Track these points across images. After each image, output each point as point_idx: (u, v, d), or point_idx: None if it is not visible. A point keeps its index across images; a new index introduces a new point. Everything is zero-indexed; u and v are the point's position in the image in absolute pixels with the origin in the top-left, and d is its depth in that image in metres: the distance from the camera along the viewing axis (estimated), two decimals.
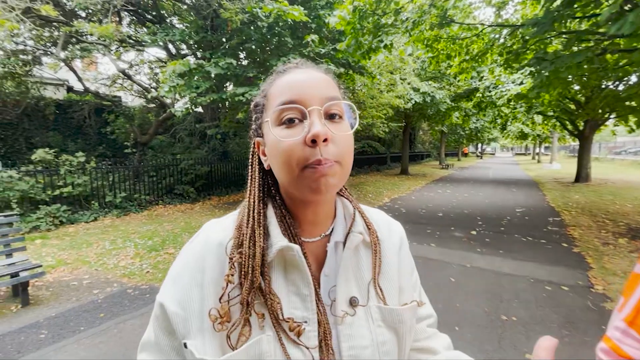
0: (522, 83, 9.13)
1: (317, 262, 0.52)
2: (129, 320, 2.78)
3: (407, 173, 16.46)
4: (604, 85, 8.71)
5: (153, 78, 12.23)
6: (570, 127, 12.47)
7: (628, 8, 3.50)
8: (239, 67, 6.46)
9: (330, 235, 0.53)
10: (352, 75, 8.16)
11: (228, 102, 7.20)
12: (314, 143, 0.43)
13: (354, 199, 0.60)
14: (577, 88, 9.33)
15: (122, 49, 9.88)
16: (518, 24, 6.14)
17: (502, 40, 6.54)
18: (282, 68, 0.52)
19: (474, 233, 5.37)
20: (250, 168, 0.54)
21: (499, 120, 16.02)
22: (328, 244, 0.53)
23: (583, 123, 11.56)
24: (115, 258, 4.34)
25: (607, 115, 10.52)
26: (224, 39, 7.27)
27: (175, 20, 9.78)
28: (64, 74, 10.92)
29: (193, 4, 8.17)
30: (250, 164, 0.55)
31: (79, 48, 7.69)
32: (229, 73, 6.20)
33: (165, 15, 9.55)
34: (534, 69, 5.77)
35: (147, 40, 7.47)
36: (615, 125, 12.77)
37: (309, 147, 0.43)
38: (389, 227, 0.61)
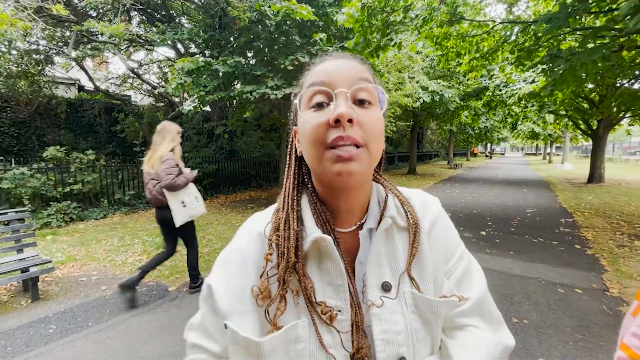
0: (534, 81, 8.94)
1: (352, 251, 0.52)
2: (136, 317, 2.80)
3: (414, 173, 16.31)
4: (619, 84, 8.47)
5: (162, 77, 12.36)
6: (584, 126, 12.18)
7: None
8: (247, 65, 6.46)
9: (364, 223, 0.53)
10: None
11: (236, 100, 7.22)
12: (338, 123, 0.44)
13: (389, 182, 0.59)
14: (591, 86, 9.11)
15: (132, 49, 10.02)
16: (530, 21, 6.00)
17: (513, 38, 6.40)
18: (319, 59, 0.53)
19: (484, 233, 5.28)
20: (288, 156, 0.56)
21: (509, 120, 15.76)
22: (360, 232, 0.52)
23: (597, 122, 11.28)
24: (124, 255, 4.38)
25: (622, 115, 10.24)
26: (232, 38, 7.29)
27: (184, 20, 9.85)
28: (75, 74, 11.13)
29: (202, 3, 8.20)
30: (288, 153, 0.56)
31: (90, 47, 7.81)
32: (237, 71, 6.21)
33: (174, 15, 9.62)
34: (547, 67, 5.64)
35: (156, 40, 7.53)
36: (630, 125, 12.41)
37: (333, 127, 0.44)
38: (424, 208, 0.57)
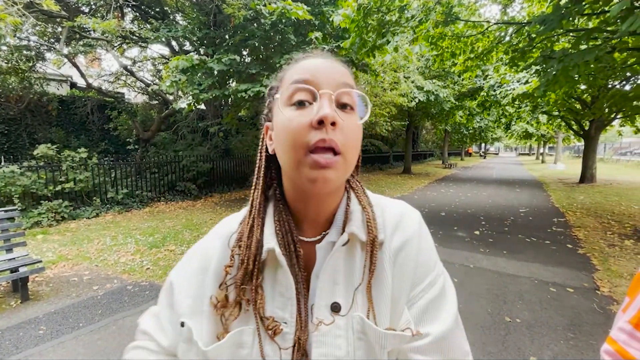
0: (527, 82, 9.03)
1: (313, 262, 0.49)
2: (128, 317, 2.76)
3: (409, 172, 16.38)
4: (611, 85, 8.59)
5: (156, 75, 12.24)
6: (576, 127, 12.34)
7: (638, 4, 3.43)
8: (242, 64, 6.42)
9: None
10: (355, 73, 8.11)
11: (231, 99, 7.18)
12: (321, 124, 0.42)
13: (363, 192, 0.54)
14: (583, 87, 9.22)
15: (125, 46, 9.90)
16: (524, 22, 6.05)
17: (507, 38, 6.46)
18: (301, 55, 0.52)
19: (477, 233, 5.32)
20: (259, 156, 0.54)
21: (503, 120, 15.90)
22: (317, 245, 0.49)
23: (589, 123, 11.44)
24: (116, 254, 4.33)
25: (613, 115, 10.39)
26: (227, 36, 7.24)
27: (179, 17, 9.75)
28: (67, 70, 10.97)
29: (196, 0, 8.13)
30: (259, 152, 0.54)
31: (82, 44, 7.70)
32: (232, 70, 6.17)
33: (169, 12, 9.52)
34: (540, 68, 5.70)
35: (150, 37, 7.45)
36: (621, 126, 12.63)
37: (315, 129, 0.42)
38: (398, 223, 0.51)
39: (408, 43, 6.35)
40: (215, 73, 6.06)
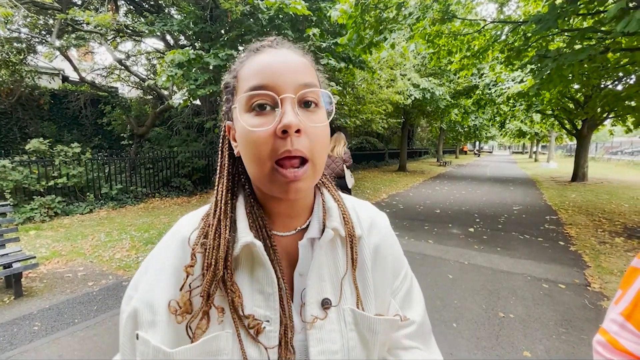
0: (522, 81, 9.10)
1: (290, 258, 0.49)
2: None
3: (405, 170, 16.46)
4: (603, 85, 8.70)
5: (150, 69, 12.08)
6: (569, 126, 12.50)
7: (633, 5, 3.47)
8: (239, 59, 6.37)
9: (305, 231, 0.50)
10: (352, 70, 8.08)
11: None
12: (285, 134, 0.40)
13: (334, 188, 0.56)
14: (576, 87, 9.33)
15: (119, 39, 9.74)
16: (520, 21, 6.09)
17: (503, 37, 6.49)
18: (255, 46, 0.48)
19: (472, 230, 5.38)
20: (220, 154, 0.51)
21: (498, 118, 16.01)
22: (300, 242, 0.49)
23: (581, 122, 11.59)
24: (111, 250, 4.30)
25: (605, 115, 10.54)
26: (223, 31, 7.16)
27: (174, 11, 9.62)
28: (59, 64, 10.77)
29: None
30: (220, 150, 0.51)
31: (75, 37, 7.56)
32: (229, 65, 6.10)
33: (164, 5, 9.37)
34: (535, 67, 5.74)
35: (144, 31, 7.34)
36: (613, 125, 12.80)
37: (280, 138, 0.40)
38: (372, 222, 0.55)
39: (405, 40, 6.36)
40: (211, 68, 6.00)
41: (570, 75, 5.09)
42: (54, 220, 5.85)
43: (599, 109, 9.41)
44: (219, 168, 0.51)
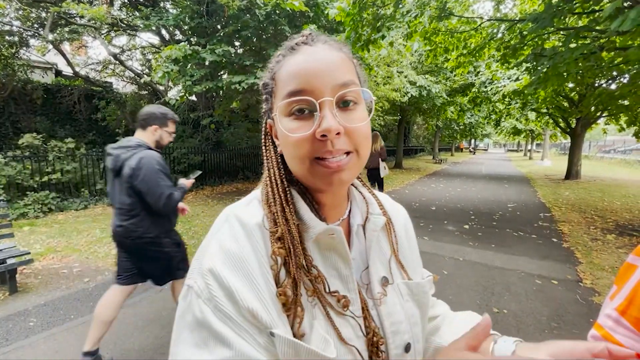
0: (517, 79, 9.15)
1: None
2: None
3: (401, 167, 16.51)
4: (597, 84, 8.78)
5: (145, 64, 11.96)
6: (563, 124, 12.61)
7: (627, 5, 3.51)
8: (235, 55, 6.33)
9: (349, 219, 0.54)
10: None
11: (222, 90, 7.08)
12: (324, 137, 0.41)
13: (361, 180, 0.61)
14: (571, 86, 9.40)
15: (113, 33, 9.61)
16: (517, 19, 6.12)
17: (500, 35, 6.52)
18: (290, 44, 0.47)
19: (467, 227, 5.43)
20: (265, 148, 0.53)
21: (493, 116, 16.11)
22: (352, 228, 0.53)
23: (575, 121, 11.70)
24: (107, 246, 4.27)
25: (599, 114, 10.65)
26: (220, 26, 7.10)
27: (169, 5, 9.51)
28: (53, 58, 10.61)
29: None
30: (264, 145, 0.53)
31: (68, 30, 7.46)
32: (225, 61, 6.07)
33: None
34: (531, 65, 5.78)
35: (139, 25, 7.25)
36: (607, 124, 12.94)
37: (320, 140, 0.41)
38: (395, 208, 0.64)
39: (402, 38, 6.36)
40: (207, 64, 5.96)
41: (566, 74, 5.14)
42: (48, 216, 5.79)
43: (593, 108, 9.50)
44: (266, 161, 0.51)
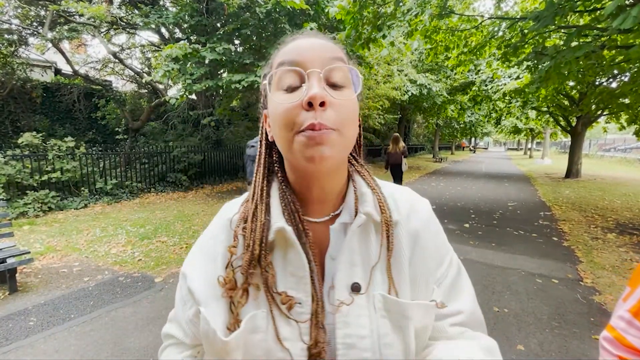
0: (518, 78, 9.13)
1: (323, 243, 0.49)
2: (121, 308, 2.75)
3: None
4: (598, 82, 8.76)
5: (145, 63, 11.93)
6: (563, 123, 12.59)
7: (629, 3, 3.49)
8: (235, 53, 6.31)
9: (338, 217, 0.51)
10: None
11: (222, 89, 7.06)
12: (311, 106, 0.41)
13: (369, 174, 0.56)
14: (571, 84, 9.39)
15: (112, 32, 9.59)
16: (518, 17, 6.09)
17: (500, 33, 6.49)
18: (290, 37, 0.50)
19: (467, 226, 5.42)
20: (260, 143, 0.54)
21: (494, 115, 16.09)
22: (332, 226, 0.49)
23: (576, 119, 11.68)
24: (107, 245, 4.27)
25: (599, 112, 10.63)
26: (219, 24, 7.08)
27: (169, 3, 9.48)
28: (52, 56, 10.58)
29: None
30: (260, 139, 0.54)
31: (68, 29, 7.42)
32: (225, 59, 6.05)
33: None
34: (532, 64, 5.76)
35: (139, 23, 7.23)
36: (607, 123, 12.92)
37: (306, 110, 0.41)
38: (411, 207, 0.53)
39: (403, 36, 6.34)
40: (207, 62, 5.94)
41: (567, 72, 5.12)
42: (48, 215, 5.79)
43: (594, 106, 9.49)
44: (257, 157, 0.54)
